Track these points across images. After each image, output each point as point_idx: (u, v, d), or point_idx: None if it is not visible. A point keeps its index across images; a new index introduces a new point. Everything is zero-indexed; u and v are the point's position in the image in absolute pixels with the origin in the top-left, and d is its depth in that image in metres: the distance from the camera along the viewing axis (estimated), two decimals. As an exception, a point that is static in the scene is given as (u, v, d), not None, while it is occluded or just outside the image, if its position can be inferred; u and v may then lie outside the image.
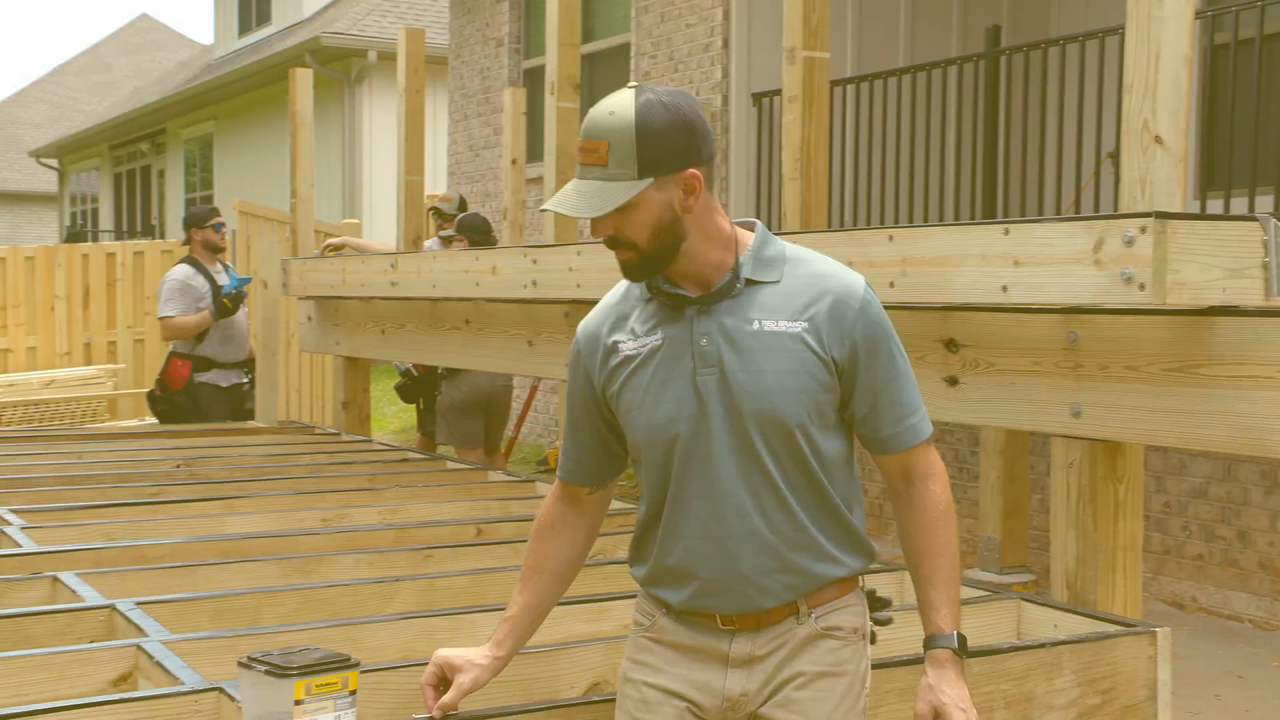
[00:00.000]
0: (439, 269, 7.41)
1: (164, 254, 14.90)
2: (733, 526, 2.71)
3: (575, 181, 2.70)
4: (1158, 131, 3.89)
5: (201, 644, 3.57)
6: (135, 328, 14.79)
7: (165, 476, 6.81)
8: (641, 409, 2.76)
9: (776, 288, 2.74)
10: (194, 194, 28.27)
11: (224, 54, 27.74)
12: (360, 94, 21.74)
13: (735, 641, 2.76)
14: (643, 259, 2.71)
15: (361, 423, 9.10)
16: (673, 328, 2.75)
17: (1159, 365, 3.99)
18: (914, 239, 4.54)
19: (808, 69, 5.33)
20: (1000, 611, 4.26)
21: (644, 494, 2.85)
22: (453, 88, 15.67)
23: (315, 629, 3.73)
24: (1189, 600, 7.86)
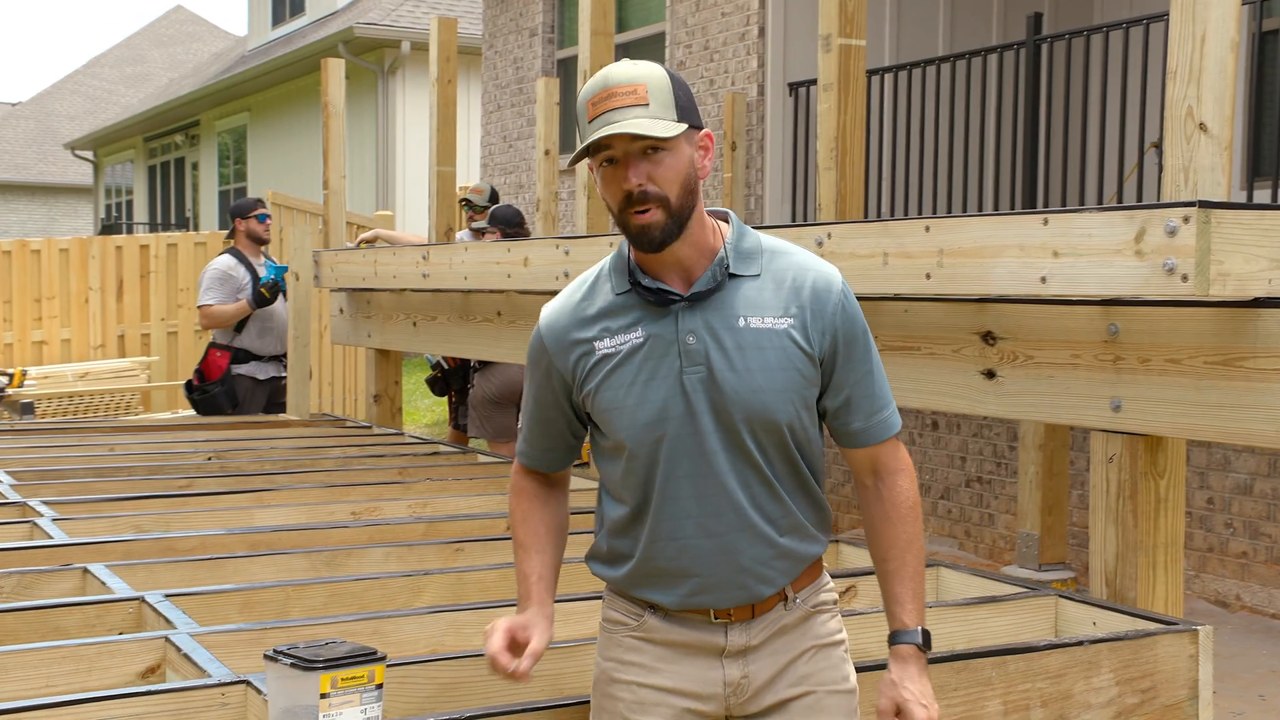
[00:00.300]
0: (471, 260, 7.40)
1: (197, 246, 14.96)
2: (730, 521, 2.72)
3: (617, 113, 2.60)
4: (1202, 118, 3.84)
5: (229, 637, 3.57)
6: (169, 320, 14.86)
7: (196, 469, 6.83)
8: (624, 409, 2.72)
9: (757, 281, 2.74)
10: (227, 186, 28.37)
11: (257, 45, 27.82)
12: (394, 85, 21.76)
13: (730, 633, 2.76)
14: (669, 218, 2.64)
15: (393, 416, 9.11)
16: (656, 324, 2.72)
17: (1202, 358, 3.95)
18: (951, 229, 4.51)
19: (843, 56, 5.29)
20: (1037, 609, 4.23)
21: (619, 494, 2.80)
22: (486, 78, 15.67)
23: (343, 622, 3.73)
24: (1233, 599, 7.80)
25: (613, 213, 2.70)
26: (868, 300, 5.05)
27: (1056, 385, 4.40)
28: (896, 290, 4.78)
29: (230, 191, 28.08)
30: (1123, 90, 8.04)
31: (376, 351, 9.06)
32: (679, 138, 2.64)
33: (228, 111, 28.18)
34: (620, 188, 2.64)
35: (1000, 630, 4.14)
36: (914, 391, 4.95)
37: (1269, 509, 7.64)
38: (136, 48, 46.79)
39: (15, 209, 44.06)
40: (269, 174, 25.40)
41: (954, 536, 9.54)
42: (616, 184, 2.64)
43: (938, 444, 9.65)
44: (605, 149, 2.63)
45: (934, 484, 9.67)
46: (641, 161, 2.62)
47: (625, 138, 2.60)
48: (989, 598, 4.22)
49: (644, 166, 2.62)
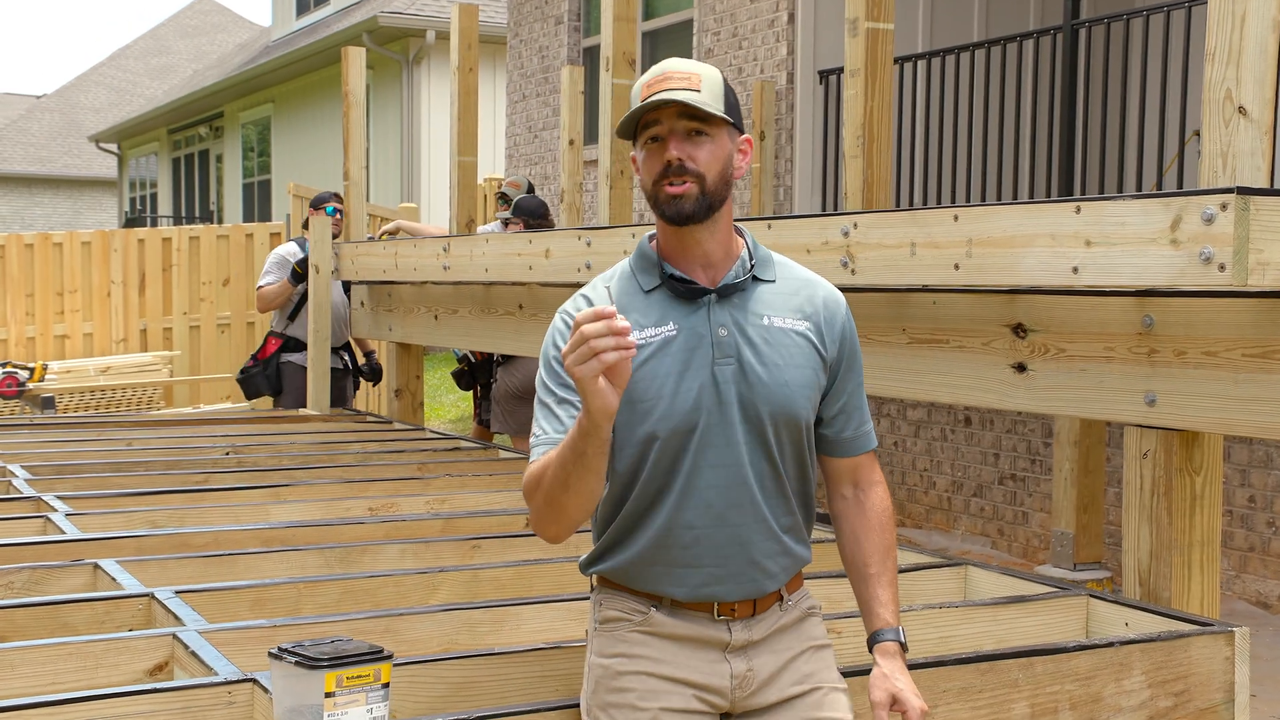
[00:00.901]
0: (491, 252, 7.38)
1: (219, 239, 14.99)
2: (746, 513, 2.83)
3: (670, 92, 2.75)
4: (1241, 101, 3.78)
5: (238, 634, 3.56)
6: (191, 314, 14.89)
7: (213, 464, 6.84)
8: (661, 399, 2.78)
9: (774, 286, 2.90)
10: (251, 178, 28.43)
11: (281, 35, 27.87)
12: (419, 75, 21.75)
13: (734, 628, 2.85)
14: (702, 194, 2.77)
15: (415, 410, 9.10)
16: (687, 318, 2.83)
17: (1239, 351, 3.89)
18: (980, 219, 4.46)
19: (871, 41, 5.25)
20: (1068, 609, 4.18)
21: (632, 485, 2.83)
22: (511, 68, 15.66)
23: (354, 620, 3.72)
24: (1275, 599, 7.73)
25: (647, 191, 2.82)
26: (895, 291, 5.02)
27: (1089, 379, 4.35)
28: (924, 281, 4.74)
29: (255, 184, 28.13)
30: (1163, 77, 7.98)
31: (398, 345, 9.05)
32: (722, 129, 2.80)
33: (252, 103, 28.24)
34: (661, 159, 2.77)
35: (1029, 631, 4.10)
36: (943, 385, 4.90)
37: (1311, 507, 7.57)
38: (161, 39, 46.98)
39: (40, 202, 44.29)
40: (293, 166, 25.44)
41: (987, 535, 9.48)
42: (658, 158, 2.78)
43: (970, 440, 9.59)
44: (653, 125, 2.78)
45: (966, 481, 9.62)
46: (685, 141, 2.77)
47: (672, 114, 2.76)
48: (1018, 597, 4.18)
49: (687, 145, 2.77)
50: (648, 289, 2.86)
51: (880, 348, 5.09)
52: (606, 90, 6.88)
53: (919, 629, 3.98)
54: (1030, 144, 9.25)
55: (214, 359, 14.85)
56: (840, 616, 3.89)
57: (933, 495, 9.88)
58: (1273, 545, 7.74)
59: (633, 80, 6.89)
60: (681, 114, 2.76)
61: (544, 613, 3.99)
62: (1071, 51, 8.78)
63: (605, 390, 2.47)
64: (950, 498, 9.75)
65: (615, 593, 2.90)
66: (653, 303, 2.85)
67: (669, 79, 2.76)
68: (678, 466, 2.80)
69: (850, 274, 4.95)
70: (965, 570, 4.63)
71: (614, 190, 6.88)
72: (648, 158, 2.80)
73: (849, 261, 4.95)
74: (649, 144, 2.80)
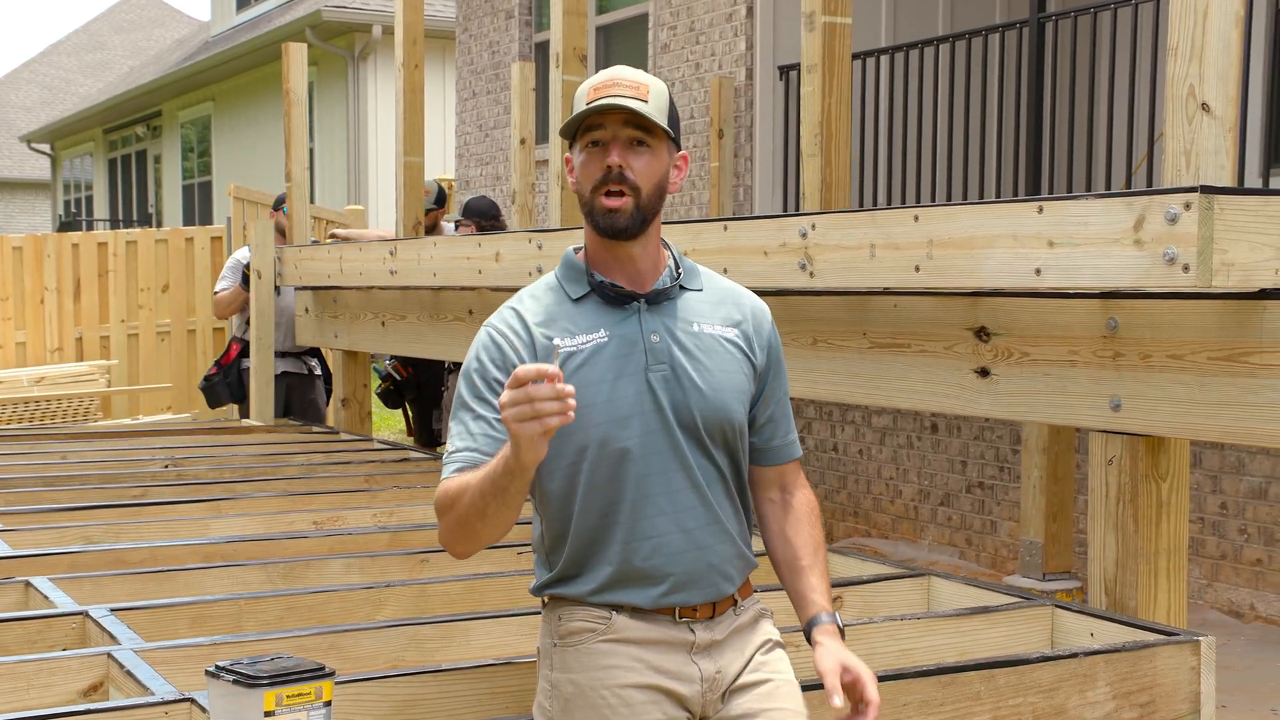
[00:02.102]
0: (440, 256, 7.40)
1: (158, 243, 14.93)
2: (700, 517, 2.92)
3: (618, 98, 2.84)
4: (1204, 98, 3.84)
5: (176, 653, 3.57)
6: (129, 322, 14.81)
7: (151, 477, 6.84)
8: (595, 406, 2.84)
9: (701, 295, 3.03)
10: (191, 180, 28.33)
11: (221, 31, 27.79)
12: (365, 72, 21.74)
13: (696, 630, 2.92)
14: (637, 208, 2.87)
15: (361, 420, 9.11)
16: (619, 325, 2.92)
17: (1205, 354, 3.94)
18: (940, 219, 4.51)
19: (828, 36, 5.29)
20: (1032, 619, 4.23)
21: (580, 501, 2.87)
22: (460, 63, 15.66)
23: (298, 637, 3.73)
24: (1247, 608, 7.81)
25: (583, 197, 2.92)
26: (855, 295, 5.06)
27: (1053, 383, 4.40)
28: (885, 284, 4.78)
29: (195, 186, 28.04)
30: (1132, 72, 8.05)
31: (344, 353, 9.05)
32: (662, 142, 2.91)
33: (191, 101, 28.15)
34: (601, 163, 2.86)
35: (993, 642, 4.14)
36: (904, 391, 4.95)
37: (1285, 514, 7.65)
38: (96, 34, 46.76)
39: (-32, 205, 44.03)
40: (235, 166, 25.37)
41: (954, 545, 9.54)
42: (597, 162, 2.87)
43: (937, 448, 9.65)
44: (596, 129, 2.87)
45: (933, 490, 9.68)
46: (626, 149, 2.87)
47: (617, 121, 2.85)
48: (981, 608, 4.22)
49: (628, 154, 2.87)
50: (576, 297, 2.95)
51: (840, 352, 5.13)
52: (557, 87, 6.91)
53: (880, 641, 4.03)
54: (996, 142, 9.32)
55: (153, 368, 14.78)
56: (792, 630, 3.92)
57: (899, 504, 9.93)
58: (1245, 553, 7.82)
59: (583, 76, 6.92)
60: (627, 121, 2.86)
61: (494, 628, 4.01)
62: (1038, 46, 8.85)
63: (541, 443, 2.53)
64: (917, 507, 9.80)
65: (573, 606, 2.93)
66: (582, 310, 2.94)
67: (617, 85, 2.86)
68: (624, 476, 2.86)
69: (809, 276, 4.99)
70: (928, 581, 4.67)
71: (566, 191, 6.91)
72: (587, 161, 2.89)
73: (807, 264, 4.99)
74: (589, 147, 2.89)
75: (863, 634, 4.02)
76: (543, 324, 2.92)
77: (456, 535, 2.83)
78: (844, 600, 4.50)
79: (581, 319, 2.92)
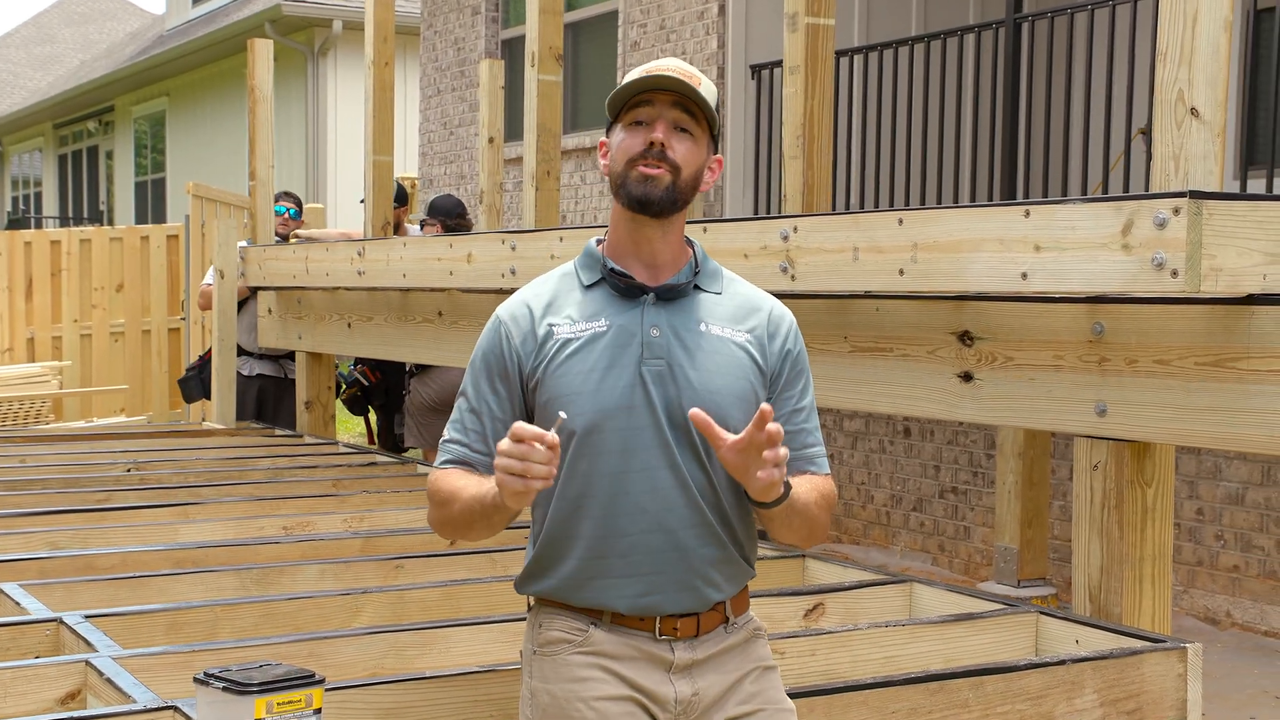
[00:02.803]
0: (410, 257, 7.42)
1: (113, 242, 14.89)
2: (682, 517, 2.88)
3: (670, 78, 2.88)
4: (1194, 103, 3.89)
5: (154, 660, 3.58)
6: (82, 322, 14.77)
7: (115, 481, 6.82)
8: (583, 394, 2.87)
9: (718, 298, 3.00)
10: (145, 177, 28.24)
11: (177, 24, 27.69)
12: (325, 68, 21.71)
13: (676, 649, 2.90)
14: (674, 184, 2.89)
15: (326, 424, 9.11)
16: (621, 316, 2.93)
17: (1192, 359, 4.00)
18: (925, 222, 4.55)
19: (811, 37, 5.34)
20: (1017, 626, 4.28)
21: (559, 489, 2.89)
22: (424, 60, 15.66)
23: (276, 644, 3.74)
24: (1223, 615, 7.88)
25: (616, 171, 2.92)
26: (837, 298, 5.10)
27: (1038, 388, 4.45)
28: (867, 287, 4.82)
29: (149, 183, 27.94)
30: (1109, 72, 8.11)
31: (308, 355, 9.05)
32: (704, 136, 2.94)
33: (145, 96, 28.05)
34: (644, 139, 2.88)
35: (978, 649, 4.19)
36: (885, 396, 4.99)
37: (1261, 520, 7.72)
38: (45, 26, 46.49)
39: (-88, 201, 43.76)
40: (190, 163, 25.30)
41: (927, 551, 9.60)
42: (640, 138, 2.89)
43: (910, 452, 9.71)
44: (643, 106, 2.90)
45: (905, 495, 9.74)
46: (671, 131, 2.89)
47: (666, 101, 2.88)
48: (965, 615, 4.26)
49: (671, 136, 2.89)
50: (587, 284, 2.97)
51: (821, 356, 5.16)
52: (532, 87, 6.93)
53: (865, 648, 4.07)
54: (972, 142, 9.37)
55: (107, 369, 14.74)
56: (783, 637, 3.96)
57: (870, 510, 9.99)
58: (1221, 559, 7.89)
59: (558, 75, 6.95)
60: (675, 103, 2.89)
61: (475, 635, 4.03)
62: (1014, 46, 8.90)
63: (525, 498, 2.64)
64: (889, 512, 9.86)
65: (555, 612, 2.95)
66: (590, 298, 2.95)
67: (670, 69, 2.89)
68: (604, 468, 2.86)
69: (790, 279, 5.03)
70: (910, 587, 4.71)
71: (540, 191, 6.93)
72: (628, 137, 2.90)
73: (789, 267, 5.03)
74: (632, 126, 2.90)
75: (846, 641, 4.06)
76: (549, 310, 2.94)
77: (446, 531, 2.98)
78: (825, 607, 4.54)
79: (587, 306, 2.93)
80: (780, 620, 4.35)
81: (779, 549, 5.11)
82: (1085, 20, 8.49)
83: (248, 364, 9.70)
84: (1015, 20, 8.91)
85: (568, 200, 12.57)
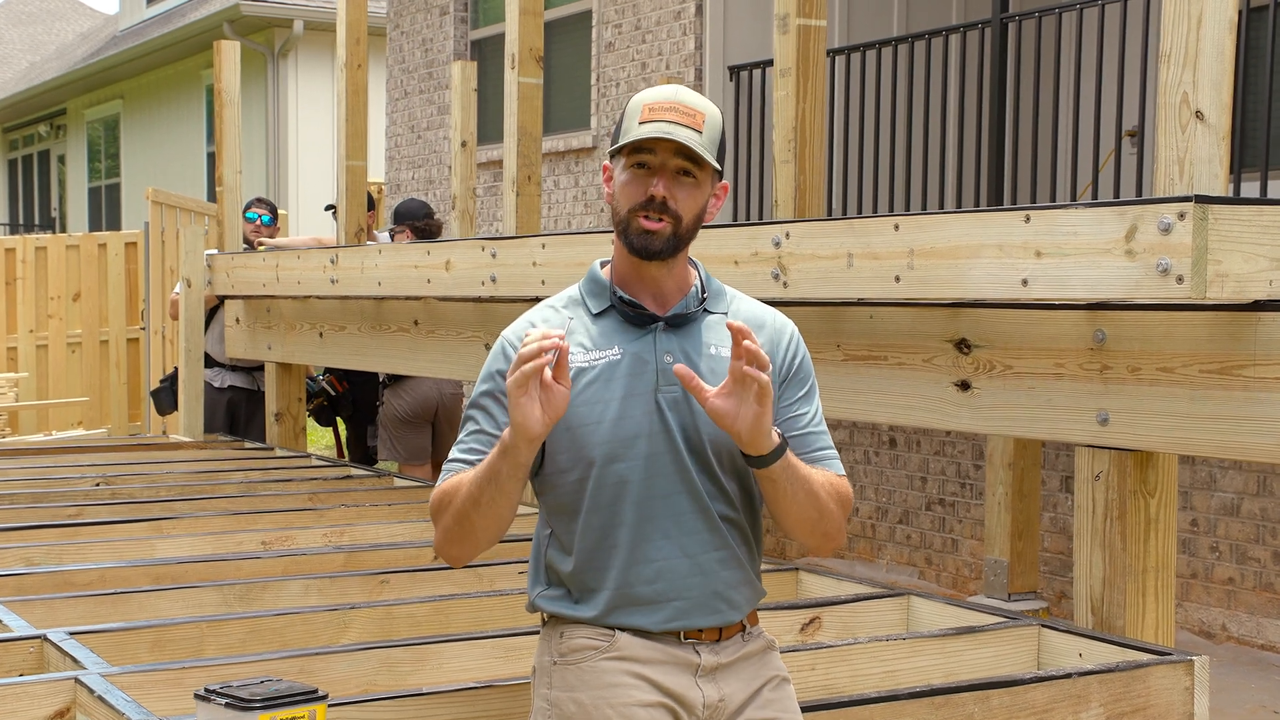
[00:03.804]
0: (385, 264, 7.44)
1: (69, 249, 14.85)
2: (705, 542, 2.99)
3: (674, 127, 2.92)
4: (1199, 106, 3.95)
5: (144, 677, 3.60)
6: (38, 332, 14.72)
7: (84, 496, 6.84)
8: (602, 423, 2.96)
9: (724, 319, 3.06)
10: (99, 182, 28.15)
11: (131, 25, 27.61)
12: (286, 70, 21.68)
13: (701, 652, 2.99)
14: (674, 235, 2.97)
15: (296, 436, 9.12)
16: (633, 344, 3.01)
17: (1197, 366, 4.05)
18: (923, 227, 4.60)
19: (803, 38, 5.38)
20: (1018, 639, 4.32)
21: (583, 520, 2.97)
22: (391, 62, 15.67)
23: (266, 661, 3.77)
24: (1218, 628, 7.95)
25: (619, 215, 3.00)
26: (830, 305, 5.14)
27: (1037, 397, 4.50)
28: (861, 295, 4.87)
29: (103, 188, 27.86)
30: (1098, 73, 8.18)
31: (278, 366, 9.06)
32: (707, 175, 3.01)
33: (98, 99, 27.97)
34: (645, 190, 2.95)
35: (980, 663, 4.23)
36: (880, 405, 5.04)
37: (1257, 531, 7.79)
38: (-9, 27, 46.31)
39: None
40: (146, 168, 25.23)
41: (913, 564, 9.65)
42: (641, 186, 2.96)
43: (895, 463, 9.76)
44: (645, 152, 2.95)
45: (891, 507, 9.79)
46: (672, 180, 2.96)
47: (669, 149, 2.94)
48: (966, 628, 4.31)
49: (673, 185, 2.96)
50: (596, 312, 3.04)
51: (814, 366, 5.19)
52: (512, 89, 6.95)
53: (864, 663, 4.11)
54: (957, 144, 9.43)
55: (64, 381, 14.70)
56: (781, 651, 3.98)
57: (855, 523, 10.04)
58: (1216, 571, 7.96)
59: (539, 77, 6.98)
60: (678, 152, 2.95)
61: (467, 651, 4.06)
62: (1000, 47, 8.97)
63: (527, 406, 2.71)
64: (874, 525, 9.91)
65: (575, 624, 3.01)
66: (600, 326, 3.04)
67: (676, 109, 2.95)
68: (625, 496, 2.95)
69: (782, 287, 5.07)
70: (908, 600, 4.75)
71: (521, 197, 6.95)
72: (630, 181, 2.98)
73: (780, 274, 5.08)
74: (635, 168, 2.97)
75: (846, 655, 4.10)
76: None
77: (452, 534, 2.99)
78: (821, 621, 4.58)
79: (598, 334, 3.02)
80: (777, 634, 4.36)
81: (772, 562, 5.16)
82: (1073, 20, 8.57)
83: (219, 375, 9.70)
84: (1001, 20, 8.97)
85: (550, 206, 12.60)
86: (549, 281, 6.06)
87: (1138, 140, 8.22)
